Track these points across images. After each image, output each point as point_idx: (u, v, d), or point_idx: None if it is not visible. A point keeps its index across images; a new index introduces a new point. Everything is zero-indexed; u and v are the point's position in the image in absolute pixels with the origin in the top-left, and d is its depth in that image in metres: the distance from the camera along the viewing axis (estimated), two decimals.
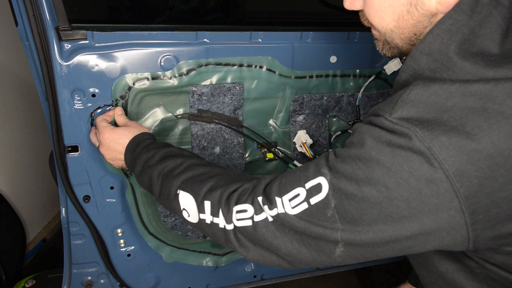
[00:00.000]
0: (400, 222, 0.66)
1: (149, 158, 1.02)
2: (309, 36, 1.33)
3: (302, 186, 0.74)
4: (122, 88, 1.20)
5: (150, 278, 1.50)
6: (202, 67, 1.25)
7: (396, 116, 0.66)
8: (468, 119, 0.61)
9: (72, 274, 1.41)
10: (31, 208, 2.10)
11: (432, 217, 0.64)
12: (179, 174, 0.95)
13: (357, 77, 1.44)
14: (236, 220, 0.82)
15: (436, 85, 0.65)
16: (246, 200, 0.82)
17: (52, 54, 1.10)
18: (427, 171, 0.62)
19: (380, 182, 0.65)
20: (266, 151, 1.45)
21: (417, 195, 0.63)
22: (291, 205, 0.75)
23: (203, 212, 0.87)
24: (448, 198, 0.62)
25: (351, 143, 0.72)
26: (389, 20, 0.75)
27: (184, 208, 0.91)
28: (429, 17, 0.71)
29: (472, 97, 0.62)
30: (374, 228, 0.67)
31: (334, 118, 1.51)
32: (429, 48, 0.69)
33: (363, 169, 0.67)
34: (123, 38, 1.16)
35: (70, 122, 1.18)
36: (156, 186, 0.98)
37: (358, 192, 0.67)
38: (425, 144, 0.62)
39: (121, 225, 1.37)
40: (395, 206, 0.65)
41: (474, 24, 0.66)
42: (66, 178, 1.25)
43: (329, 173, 0.71)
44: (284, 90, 1.39)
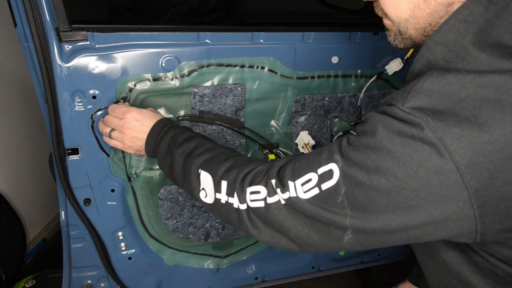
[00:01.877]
0: (408, 211, 0.66)
1: (174, 137, 1.04)
2: (310, 37, 1.32)
3: (314, 171, 0.75)
4: (124, 90, 1.19)
5: (151, 281, 1.49)
6: (204, 68, 1.24)
7: (409, 106, 0.66)
8: (482, 110, 0.61)
9: (71, 277, 1.40)
10: (31, 208, 2.09)
11: (440, 208, 0.64)
12: (200, 154, 0.97)
13: (359, 77, 1.43)
14: (250, 200, 0.84)
15: (450, 75, 0.65)
16: (260, 182, 0.83)
17: (52, 55, 1.09)
18: (437, 162, 0.62)
19: (390, 171, 0.65)
20: (268, 152, 1.44)
21: (426, 186, 0.63)
22: (303, 189, 0.76)
23: (219, 192, 0.89)
24: (458, 190, 0.62)
25: (364, 132, 0.72)
26: (405, 9, 0.74)
27: (204, 187, 0.93)
28: (445, 6, 0.71)
29: (486, 88, 0.62)
30: (383, 217, 0.68)
31: (336, 119, 1.50)
32: (445, 38, 0.69)
33: (374, 158, 0.67)
34: (124, 39, 1.15)
35: (71, 124, 1.17)
36: (178, 164, 1.00)
37: (368, 181, 0.68)
38: (436, 134, 0.62)
39: (122, 228, 1.36)
40: (404, 196, 0.65)
41: (491, 15, 0.65)
42: (66, 181, 1.24)
43: (341, 160, 0.72)
44: (286, 91, 1.38)
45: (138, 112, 1.10)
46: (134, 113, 1.10)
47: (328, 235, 0.75)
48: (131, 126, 1.09)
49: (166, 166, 1.05)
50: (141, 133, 1.10)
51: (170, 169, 1.03)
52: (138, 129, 1.10)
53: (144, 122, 1.10)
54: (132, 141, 1.11)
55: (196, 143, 1.01)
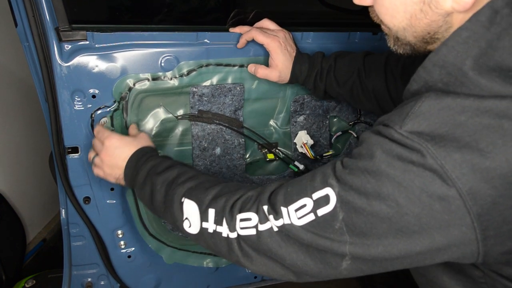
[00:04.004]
0: (410, 237, 0.64)
1: (154, 167, 1.00)
2: (309, 37, 1.32)
3: (309, 197, 0.72)
4: (123, 89, 1.19)
5: (150, 279, 1.49)
6: (203, 67, 1.24)
7: (406, 129, 0.64)
8: (482, 136, 0.59)
9: (72, 275, 1.41)
10: (31, 208, 2.10)
11: (443, 233, 0.63)
12: (183, 182, 0.93)
13: None
14: (240, 228, 0.80)
15: (449, 98, 0.63)
16: (251, 208, 0.80)
17: (52, 55, 1.09)
18: (440, 188, 0.61)
19: (391, 197, 0.64)
20: (267, 152, 1.44)
21: (429, 211, 0.62)
22: (297, 215, 0.73)
23: (206, 221, 0.85)
24: (460, 215, 0.61)
25: (360, 155, 0.70)
26: (401, 18, 0.72)
27: (187, 217, 0.89)
28: (444, 16, 0.68)
29: (487, 113, 0.60)
30: (384, 242, 0.66)
31: (335, 119, 1.51)
32: (443, 60, 0.66)
33: (373, 183, 0.65)
34: (124, 38, 1.15)
35: (70, 123, 1.18)
36: (159, 194, 0.95)
37: (368, 206, 0.66)
38: (437, 161, 0.60)
39: (122, 227, 1.36)
40: (406, 222, 0.64)
41: (492, 36, 0.63)
42: (66, 180, 1.25)
43: (337, 185, 0.70)
44: (285, 90, 1.39)
45: (119, 139, 1.07)
46: (114, 140, 1.06)
47: (325, 263, 0.72)
48: (110, 153, 1.06)
49: (145, 196, 1.00)
50: (120, 161, 1.06)
51: (150, 199, 0.99)
52: (117, 157, 1.06)
53: (124, 150, 1.06)
54: (111, 169, 1.08)
55: (178, 171, 0.97)
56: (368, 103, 1.21)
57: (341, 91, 1.23)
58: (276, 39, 1.18)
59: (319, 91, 1.25)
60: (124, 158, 1.06)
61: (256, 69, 1.23)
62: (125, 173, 1.06)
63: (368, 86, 1.18)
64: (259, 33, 1.18)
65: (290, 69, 1.22)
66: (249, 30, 1.20)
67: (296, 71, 1.22)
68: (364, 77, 1.19)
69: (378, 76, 1.16)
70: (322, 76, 1.22)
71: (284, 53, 1.20)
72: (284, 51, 1.19)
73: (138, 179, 1.02)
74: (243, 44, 1.23)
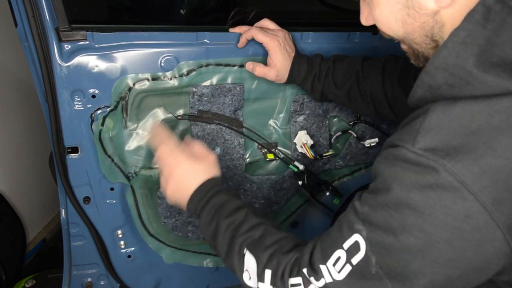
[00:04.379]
0: (447, 265, 0.63)
1: (221, 207, 0.96)
2: (309, 37, 1.32)
3: (341, 248, 0.71)
4: (122, 89, 1.19)
5: (150, 279, 1.50)
6: (203, 67, 1.24)
7: (420, 147, 0.62)
8: (497, 141, 0.58)
9: (72, 275, 1.41)
10: (31, 208, 2.10)
11: (478, 252, 0.61)
12: (247, 231, 0.91)
13: None
14: None
15: (457, 107, 0.62)
16: (298, 273, 0.79)
17: (52, 55, 1.09)
18: (463, 206, 0.59)
19: (416, 227, 0.62)
20: (267, 152, 1.44)
21: (458, 234, 0.60)
22: (336, 269, 0.72)
23: (263, 281, 0.84)
24: (490, 230, 0.59)
25: (377, 189, 0.69)
26: (397, 27, 0.72)
27: (247, 269, 0.88)
28: (431, 16, 0.68)
29: (498, 115, 0.59)
30: (424, 279, 0.64)
31: (335, 119, 1.51)
32: (445, 62, 0.65)
33: (396, 216, 0.64)
34: (123, 38, 1.15)
35: (70, 123, 1.18)
36: (223, 238, 0.93)
37: (396, 243, 0.64)
38: (457, 178, 0.59)
39: (121, 227, 1.36)
40: (438, 250, 0.62)
41: (489, 33, 0.62)
42: (66, 180, 1.25)
43: (363, 228, 0.69)
44: (285, 90, 1.39)
45: (191, 169, 1.00)
46: (185, 168, 1.00)
47: None
48: (178, 180, 1.00)
49: (208, 233, 0.98)
50: (186, 190, 1.00)
51: (213, 238, 0.96)
52: (185, 186, 1.00)
53: (193, 181, 0.99)
54: (174, 194, 1.02)
55: (244, 216, 0.93)
56: (365, 106, 1.22)
57: (339, 94, 1.23)
58: (275, 38, 1.19)
59: (316, 92, 1.26)
60: (192, 189, 0.99)
61: (254, 67, 1.23)
62: (191, 200, 1.00)
63: (365, 90, 1.19)
64: (258, 32, 1.18)
65: (288, 69, 1.22)
66: (249, 29, 1.20)
67: (294, 71, 1.22)
68: (362, 80, 1.19)
69: (375, 80, 1.16)
70: (320, 78, 1.23)
71: (283, 53, 1.20)
72: (283, 50, 1.20)
73: (203, 215, 0.98)
74: (243, 44, 1.23)
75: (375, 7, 0.73)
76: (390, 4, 0.70)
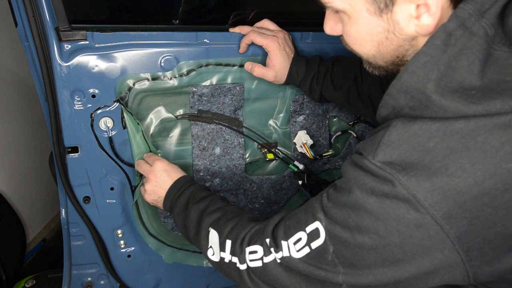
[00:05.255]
0: (397, 265, 0.67)
1: (193, 195, 1.09)
2: (309, 36, 1.33)
3: (303, 230, 0.77)
4: (122, 89, 1.19)
5: (150, 279, 1.50)
6: (202, 67, 1.24)
7: (379, 160, 0.66)
8: (451, 160, 0.60)
9: (72, 275, 1.41)
10: (31, 208, 2.10)
11: (427, 258, 0.64)
12: (212, 212, 1.01)
13: None
14: (249, 260, 0.86)
15: (416, 125, 0.65)
16: (257, 241, 0.86)
17: (52, 54, 1.10)
18: (415, 217, 0.62)
19: (371, 230, 0.67)
20: (267, 152, 1.45)
21: (409, 240, 0.64)
22: (295, 248, 0.77)
23: (224, 251, 0.92)
24: (440, 240, 0.62)
25: (340, 188, 0.73)
26: (369, 47, 0.75)
27: (211, 245, 0.96)
28: (409, 41, 0.71)
29: (453, 136, 0.61)
30: (374, 272, 0.69)
31: (335, 119, 1.51)
32: (406, 86, 0.67)
33: (353, 217, 0.69)
34: (123, 38, 1.15)
35: (70, 123, 1.18)
36: (192, 221, 1.04)
37: (352, 240, 0.69)
38: (409, 191, 0.62)
39: (121, 226, 1.37)
40: (390, 251, 0.66)
41: (449, 58, 0.63)
42: (66, 179, 1.25)
43: (324, 219, 0.74)
44: (284, 90, 1.39)
45: (168, 164, 1.16)
46: (164, 163, 1.15)
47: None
48: (158, 174, 1.14)
49: (180, 220, 1.09)
50: (165, 184, 1.14)
51: (184, 223, 1.07)
52: (163, 179, 1.14)
53: (171, 174, 1.15)
54: (153, 190, 1.15)
55: (211, 200, 1.05)
56: (364, 108, 1.22)
57: (337, 95, 1.24)
58: (275, 39, 1.19)
59: (314, 93, 1.26)
60: (170, 182, 1.14)
61: (253, 67, 1.24)
62: (167, 195, 1.13)
63: (364, 91, 1.19)
64: (256, 35, 1.19)
65: (287, 70, 1.23)
66: (247, 34, 1.21)
67: (293, 72, 1.23)
68: (360, 82, 1.20)
69: (374, 82, 1.17)
70: (319, 79, 1.24)
71: (282, 54, 1.20)
72: (282, 52, 1.20)
73: (179, 202, 1.10)
74: (244, 49, 1.24)
75: (352, 25, 0.74)
76: (370, 25, 0.71)
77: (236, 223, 0.95)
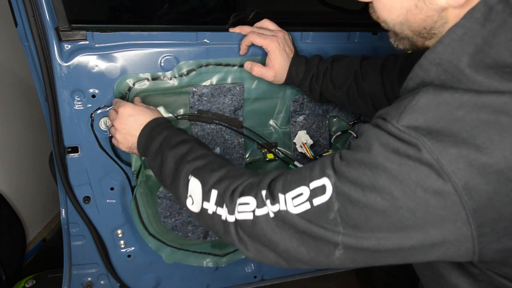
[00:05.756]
0: (404, 231, 0.64)
1: (167, 138, 1.02)
2: (309, 37, 1.33)
3: (306, 185, 0.73)
4: (122, 89, 1.19)
5: (150, 279, 1.50)
6: (202, 67, 1.24)
7: (403, 124, 0.64)
8: (480, 131, 0.59)
9: (72, 275, 1.41)
10: (31, 208, 2.10)
11: (437, 228, 0.63)
12: (193, 160, 0.95)
13: None
14: (238, 212, 0.81)
15: (447, 93, 0.63)
16: (250, 193, 0.81)
17: (52, 54, 1.09)
18: (435, 183, 0.60)
19: (386, 190, 0.64)
20: (267, 152, 1.45)
21: (424, 206, 0.62)
22: (293, 203, 0.73)
23: (208, 201, 0.87)
24: (455, 211, 0.60)
25: (358, 147, 0.70)
26: (398, 13, 0.72)
27: (191, 194, 0.91)
28: (439, 12, 0.68)
29: (484, 109, 0.60)
30: (377, 235, 0.66)
31: (335, 119, 1.51)
32: (439, 58, 0.66)
33: (369, 175, 0.65)
34: (123, 38, 1.15)
35: (70, 123, 1.18)
36: (168, 168, 0.98)
37: (363, 198, 0.66)
38: (433, 156, 0.60)
39: (121, 226, 1.37)
40: (400, 215, 0.64)
41: (487, 33, 0.62)
42: (66, 179, 1.25)
43: (334, 175, 0.70)
44: (285, 90, 1.39)
45: (133, 107, 1.09)
46: (128, 108, 1.08)
47: (317, 250, 0.73)
48: (123, 121, 1.08)
49: (155, 167, 1.03)
50: (133, 129, 1.08)
51: (160, 170, 1.01)
52: (130, 124, 1.08)
53: (138, 118, 1.08)
54: (124, 137, 1.09)
55: (190, 147, 0.99)
56: (365, 107, 1.22)
57: (337, 94, 1.23)
58: (274, 39, 1.19)
59: (314, 93, 1.26)
60: (138, 126, 1.07)
61: (252, 67, 1.24)
62: (138, 141, 1.07)
63: (364, 90, 1.19)
64: (256, 36, 1.19)
65: (286, 70, 1.23)
66: (247, 35, 1.21)
67: (292, 72, 1.23)
68: (360, 80, 1.19)
69: (375, 80, 1.16)
70: (318, 79, 1.23)
71: (282, 54, 1.20)
72: (282, 52, 1.20)
73: (151, 148, 1.04)
74: (244, 51, 1.24)
75: None
76: None
77: (224, 174, 0.89)
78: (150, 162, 1.05)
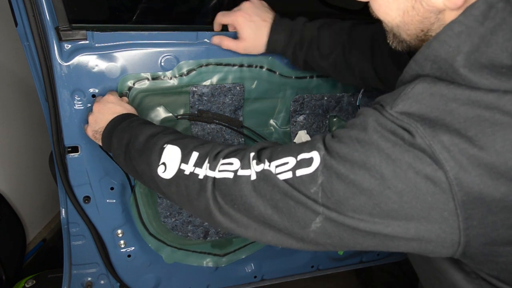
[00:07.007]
0: (386, 214, 0.63)
1: (143, 124, 1.00)
2: None
3: (293, 156, 0.71)
4: (123, 89, 1.19)
5: (150, 279, 1.50)
6: (203, 67, 1.24)
7: (397, 110, 0.64)
8: (472, 124, 0.59)
9: (72, 275, 1.41)
10: (31, 208, 2.10)
11: (422, 215, 0.61)
12: (169, 134, 0.94)
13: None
14: (219, 171, 0.78)
15: (443, 84, 0.63)
16: (235, 156, 0.79)
17: (52, 54, 1.09)
18: (428, 167, 0.60)
19: (377, 168, 0.63)
20: None
21: (412, 189, 0.61)
22: (276, 171, 0.72)
23: (186, 163, 0.83)
24: (444, 200, 0.60)
25: (353, 124, 0.69)
26: (394, 15, 0.72)
27: (164, 162, 0.87)
28: (435, 14, 0.68)
29: (478, 103, 0.59)
30: (357, 216, 0.65)
31: (335, 118, 1.51)
32: (434, 55, 0.66)
33: (361, 151, 0.64)
34: (123, 38, 1.15)
35: (70, 123, 1.18)
36: (138, 142, 0.94)
37: (351, 174, 0.64)
38: (426, 141, 0.60)
39: (121, 226, 1.36)
40: (386, 197, 0.62)
41: (485, 31, 0.61)
42: (66, 179, 1.25)
43: (324, 149, 0.69)
44: (285, 90, 1.39)
45: (116, 98, 1.10)
46: (112, 97, 1.09)
47: (293, 220, 0.70)
48: (102, 105, 1.08)
49: (120, 141, 0.99)
50: (108, 113, 1.06)
51: (125, 145, 0.97)
52: (107, 110, 1.07)
53: (116, 107, 1.08)
54: (95, 119, 1.08)
55: (165, 128, 0.98)
56: (352, 79, 1.19)
57: (323, 65, 1.19)
58: (238, 13, 1.16)
59: (298, 61, 1.21)
60: (113, 112, 1.07)
61: (221, 40, 1.20)
62: (108, 125, 1.05)
63: (352, 62, 1.16)
64: (221, 16, 1.18)
65: (263, 39, 1.18)
66: (215, 19, 1.19)
67: (271, 41, 1.18)
68: (348, 52, 1.15)
69: (364, 53, 1.13)
70: (302, 46, 1.18)
71: (249, 25, 1.16)
72: (248, 22, 1.16)
73: (119, 127, 1.02)
74: (218, 29, 1.22)
75: None
76: None
77: (205, 143, 0.87)
78: (117, 141, 1.01)
